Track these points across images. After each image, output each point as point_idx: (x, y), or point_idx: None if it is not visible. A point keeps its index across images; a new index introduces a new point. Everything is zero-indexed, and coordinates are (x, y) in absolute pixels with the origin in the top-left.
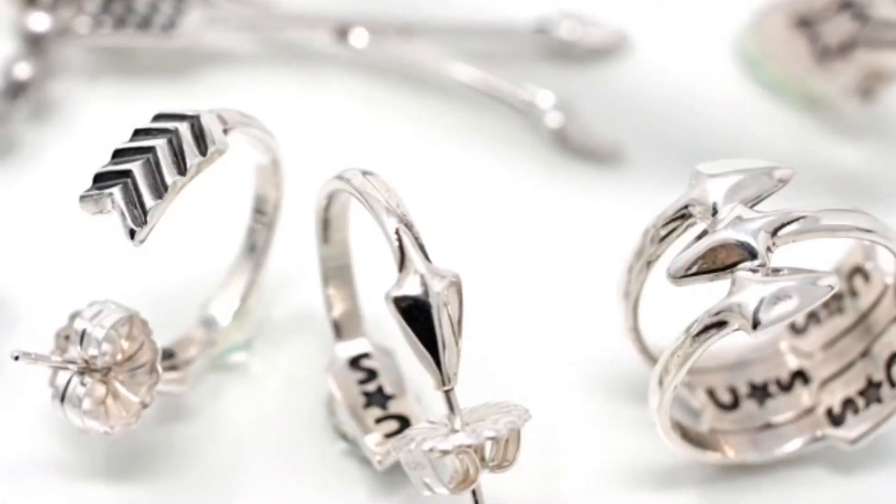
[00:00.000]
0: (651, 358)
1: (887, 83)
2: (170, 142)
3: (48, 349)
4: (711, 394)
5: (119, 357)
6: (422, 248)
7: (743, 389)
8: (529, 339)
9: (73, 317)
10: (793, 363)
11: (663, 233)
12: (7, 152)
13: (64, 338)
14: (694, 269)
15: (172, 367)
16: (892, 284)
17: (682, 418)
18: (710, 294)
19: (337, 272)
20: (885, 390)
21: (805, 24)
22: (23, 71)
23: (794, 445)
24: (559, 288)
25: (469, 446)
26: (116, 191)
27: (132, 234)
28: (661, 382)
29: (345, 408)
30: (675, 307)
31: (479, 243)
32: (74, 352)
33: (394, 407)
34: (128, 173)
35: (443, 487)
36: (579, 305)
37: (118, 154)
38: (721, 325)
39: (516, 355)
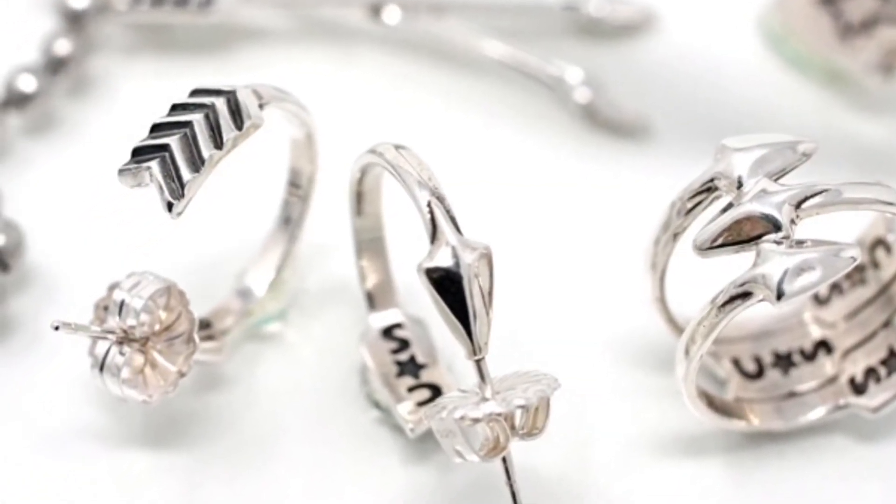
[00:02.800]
0: (677, 328)
1: None
2: (206, 116)
3: (87, 319)
4: (737, 363)
5: (157, 327)
6: (453, 220)
7: (767, 359)
8: (558, 311)
9: (112, 287)
10: (816, 333)
11: (689, 205)
12: (47, 127)
13: (103, 308)
14: (719, 241)
15: (209, 337)
16: None
17: (707, 387)
18: (734, 266)
19: (370, 244)
20: None
21: (828, 1)
22: (62, 47)
23: (817, 413)
24: (587, 260)
25: (499, 414)
26: (154, 164)
27: (170, 206)
28: (687, 352)
29: (378, 377)
30: (700, 279)
31: (508, 217)
32: (113, 322)
33: (426, 376)
34: (165, 147)
35: (473, 455)
36: (607, 277)
37: (156, 128)
38: (746, 295)
39: (545, 326)
